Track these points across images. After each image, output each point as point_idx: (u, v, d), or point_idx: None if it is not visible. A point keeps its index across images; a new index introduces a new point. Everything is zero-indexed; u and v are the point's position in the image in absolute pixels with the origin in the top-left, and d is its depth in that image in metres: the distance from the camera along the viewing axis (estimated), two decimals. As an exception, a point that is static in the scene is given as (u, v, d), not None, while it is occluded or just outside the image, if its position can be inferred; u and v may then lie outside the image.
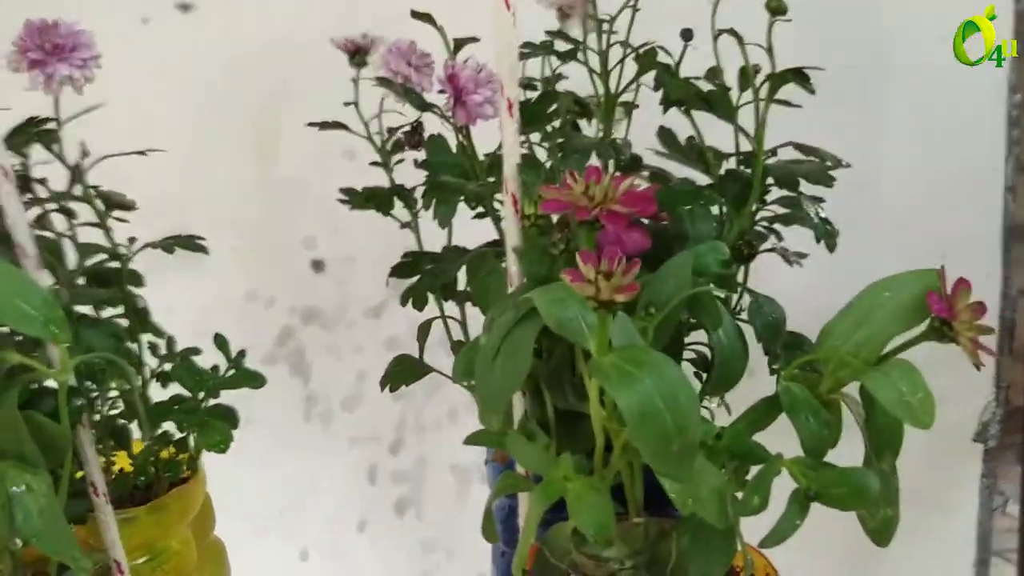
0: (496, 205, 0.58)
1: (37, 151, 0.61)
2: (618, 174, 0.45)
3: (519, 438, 0.45)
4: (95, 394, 0.57)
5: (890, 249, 0.96)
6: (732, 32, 0.57)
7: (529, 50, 0.59)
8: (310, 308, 1.11)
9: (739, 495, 0.46)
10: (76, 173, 0.60)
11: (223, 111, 1.01)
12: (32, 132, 0.59)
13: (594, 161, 0.55)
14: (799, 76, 0.54)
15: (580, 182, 0.45)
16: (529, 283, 0.48)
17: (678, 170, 0.63)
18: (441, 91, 0.54)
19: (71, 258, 0.62)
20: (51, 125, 0.60)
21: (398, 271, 0.59)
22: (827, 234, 0.54)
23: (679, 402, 0.39)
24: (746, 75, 0.57)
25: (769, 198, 0.57)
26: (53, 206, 0.61)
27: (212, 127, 1.01)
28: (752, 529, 0.48)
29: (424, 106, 0.56)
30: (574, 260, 0.48)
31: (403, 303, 0.61)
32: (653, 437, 0.38)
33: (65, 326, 0.46)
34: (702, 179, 0.62)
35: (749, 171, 0.57)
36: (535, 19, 0.66)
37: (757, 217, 0.57)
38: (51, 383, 0.51)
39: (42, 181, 0.61)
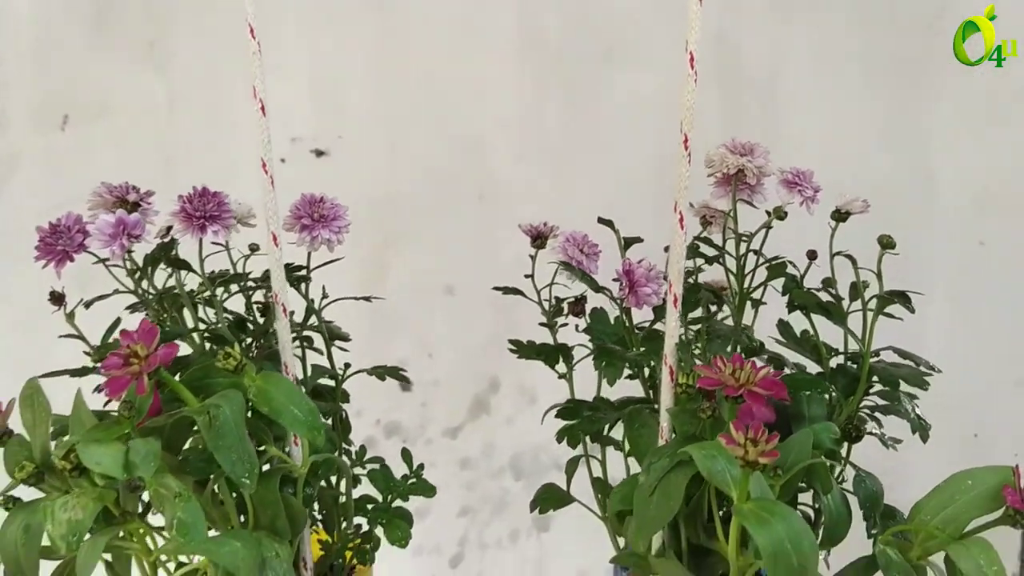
0: (646, 371, 0.70)
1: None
2: (756, 362, 0.56)
3: (669, 562, 0.54)
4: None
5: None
6: (848, 256, 0.68)
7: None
8: (394, 423, 1.22)
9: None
10: (313, 310, 0.74)
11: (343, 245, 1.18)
12: (291, 276, 0.73)
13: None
14: (903, 297, 0.65)
15: (728, 366, 0.56)
16: (679, 438, 0.58)
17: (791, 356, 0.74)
18: (615, 279, 0.67)
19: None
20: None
21: (563, 414, 0.70)
22: (921, 427, 0.63)
23: (803, 547, 0.48)
24: (857, 291, 0.68)
25: (872, 391, 0.67)
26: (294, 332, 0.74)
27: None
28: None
29: (597, 288, 0.68)
30: (717, 424, 0.59)
31: (559, 440, 0.72)
32: (783, 572, 0.47)
33: (322, 431, 0.58)
34: (812, 367, 0.72)
35: (855, 367, 0.67)
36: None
37: (861, 405, 0.67)
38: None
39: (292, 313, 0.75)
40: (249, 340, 0.69)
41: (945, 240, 0.87)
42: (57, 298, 0.74)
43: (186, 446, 0.62)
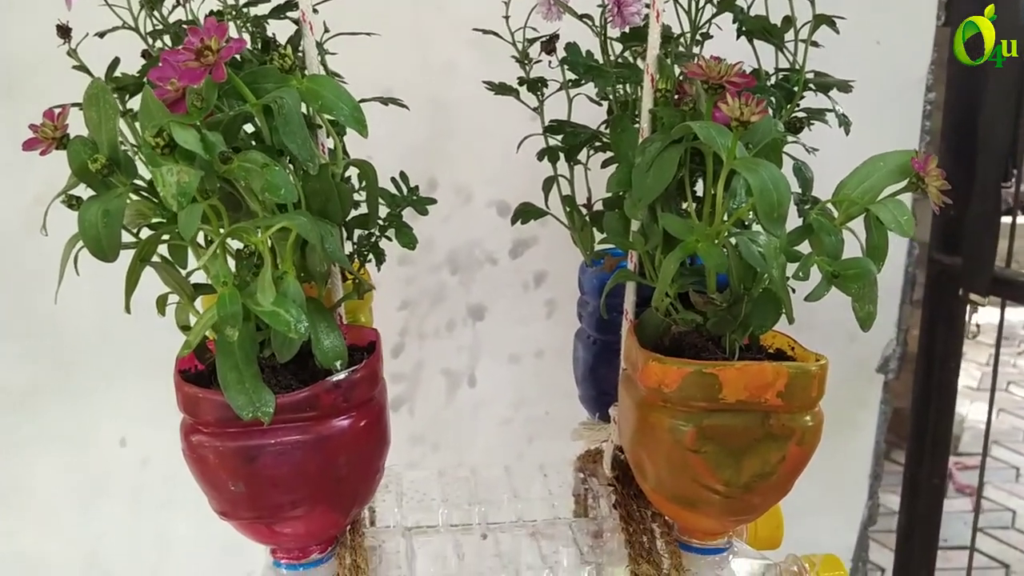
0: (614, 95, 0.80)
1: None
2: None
3: (670, 216, 0.66)
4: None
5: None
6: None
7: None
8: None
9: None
10: (319, 43, 0.79)
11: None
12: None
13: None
14: (829, 20, 0.77)
15: (712, 63, 0.67)
16: (665, 128, 0.69)
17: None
18: (600, 5, 0.76)
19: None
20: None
21: (550, 130, 0.80)
22: (846, 123, 0.77)
23: (780, 187, 0.61)
24: (790, 20, 0.80)
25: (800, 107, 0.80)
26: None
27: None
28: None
29: (579, 17, 0.77)
30: (696, 116, 0.70)
31: (539, 159, 0.82)
32: (766, 205, 0.60)
33: (365, 123, 0.65)
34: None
35: (789, 84, 0.79)
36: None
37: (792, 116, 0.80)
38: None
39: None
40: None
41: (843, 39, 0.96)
42: (64, 31, 0.76)
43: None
